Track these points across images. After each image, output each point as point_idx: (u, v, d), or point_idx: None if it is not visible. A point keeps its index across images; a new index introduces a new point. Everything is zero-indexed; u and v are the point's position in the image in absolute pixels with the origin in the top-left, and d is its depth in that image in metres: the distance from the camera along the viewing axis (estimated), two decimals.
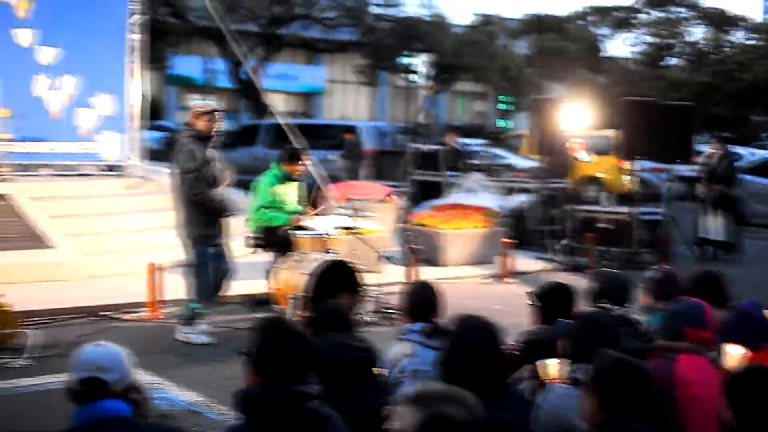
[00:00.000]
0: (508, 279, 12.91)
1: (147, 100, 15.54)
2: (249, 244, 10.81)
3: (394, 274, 11.54)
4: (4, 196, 12.32)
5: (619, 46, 54.14)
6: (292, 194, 10.74)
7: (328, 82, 49.67)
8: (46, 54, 14.19)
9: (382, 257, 10.70)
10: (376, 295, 10.51)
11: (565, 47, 35.37)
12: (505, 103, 42.53)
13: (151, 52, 32.62)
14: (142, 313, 10.25)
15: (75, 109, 14.53)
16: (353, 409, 4.15)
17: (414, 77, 37.81)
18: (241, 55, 15.84)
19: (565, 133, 15.49)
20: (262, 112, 29.48)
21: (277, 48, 31.86)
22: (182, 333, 9.31)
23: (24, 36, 14.03)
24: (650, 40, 37.42)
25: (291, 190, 10.74)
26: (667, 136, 14.29)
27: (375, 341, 4.79)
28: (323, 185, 13.89)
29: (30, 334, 8.46)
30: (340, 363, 4.70)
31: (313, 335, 5.35)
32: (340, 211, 11.23)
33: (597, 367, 3.89)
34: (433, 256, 13.64)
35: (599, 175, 20.53)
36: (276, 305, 10.09)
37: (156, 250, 12.78)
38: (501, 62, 33.61)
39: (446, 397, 2.99)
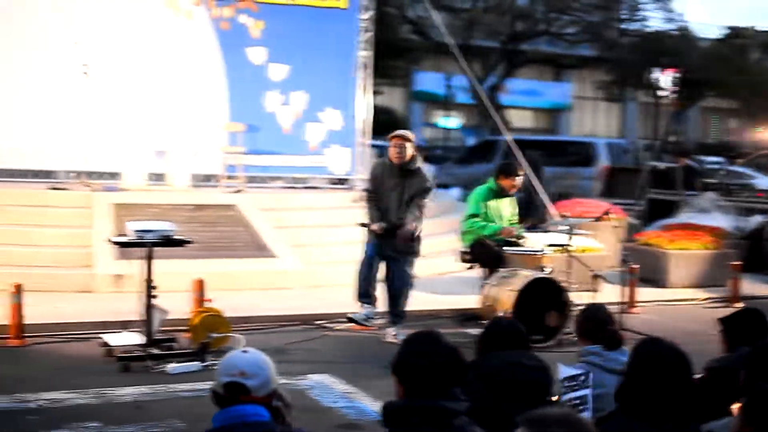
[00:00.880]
0: (737, 303, 12.21)
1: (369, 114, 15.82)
2: (462, 259, 10.79)
3: (612, 294, 11.16)
4: (234, 207, 12.85)
5: None
6: (505, 209, 10.62)
7: (576, 98, 49.04)
8: (277, 71, 14.76)
9: (597, 276, 10.36)
10: None
11: None
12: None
13: (394, 69, 33.45)
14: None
15: (304, 124, 15.01)
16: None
17: (660, 93, 36.66)
18: (467, 70, 15.78)
19: None
20: (499, 129, 29.39)
21: (519, 64, 31.73)
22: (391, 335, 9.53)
23: (256, 54, 14.67)
24: None
25: (505, 206, 10.63)
26: None
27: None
28: (546, 201, 13.71)
29: (238, 339, 8.74)
30: (508, 381, 4.58)
31: (485, 352, 5.33)
32: (558, 228, 10.98)
33: (752, 397, 3.58)
34: (657, 276, 13.13)
35: None
36: (484, 321, 10.02)
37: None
38: (751, 77, 32.03)
39: (560, 422, 2.84)
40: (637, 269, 11.87)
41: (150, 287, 8.35)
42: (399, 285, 9.81)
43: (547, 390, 4.80)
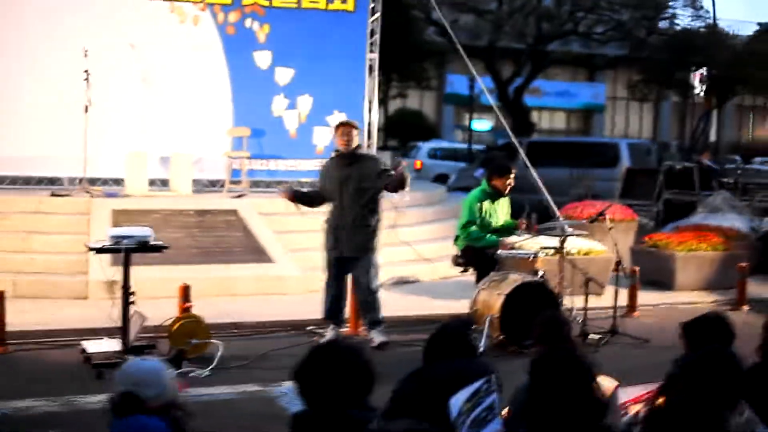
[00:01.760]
0: (744, 306, 12.00)
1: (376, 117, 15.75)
2: (455, 263, 10.71)
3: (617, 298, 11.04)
4: (234, 212, 12.83)
5: None
6: (500, 211, 10.52)
7: (609, 99, 48.70)
8: (283, 75, 14.73)
9: (590, 279, 10.21)
10: (580, 319, 10.08)
11: None
12: None
13: (421, 72, 33.38)
14: (346, 328, 10.31)
15: (312, 128, 14.97)
16: None
17: (692, 92, 36.33)
18: (472, 70, 15.64)
19: None
20: (525, 131, 29.27)
21: (545, 65, 31.50)
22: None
23: (262, 58, 14.65)
24: None
25: (499, 207, 10.52)
26: None
27: None
28: (550, 203, 13.56)
29: (221, 346, 8.71)
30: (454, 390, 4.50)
31: (431, 359, 5.25)
32: (558, 231, 10.82)
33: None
34: (665, 279, 12.94)
35: None
36: (475, 326, 9.92)
37: (381, 265, 12.92)
38: None
39: None
40: (637, 272, 11.71)
41: (127, 293, 8.35)
42: (366, 293, 9.76)
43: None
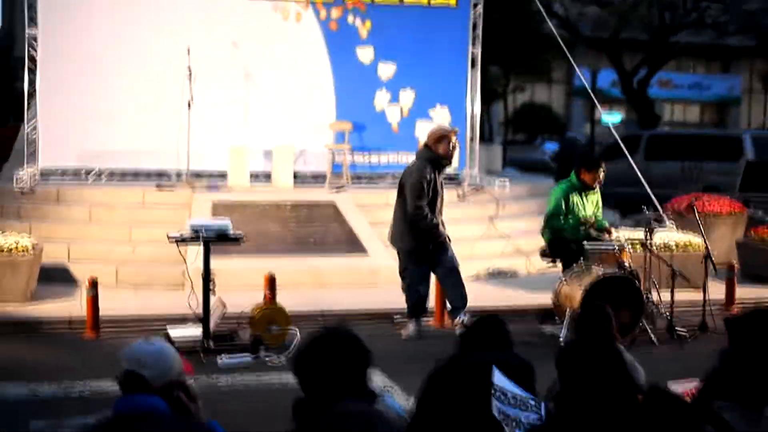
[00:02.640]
0: None
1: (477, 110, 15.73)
2: (542, 256, 10.66)
3: (714, 292, 10.87)
4: (332, 204, 13.04)
5: None
6: (590, 204, 10.41)
7: (746, 91, 47.28)
8: (386, 69, 14.90)
9: (676, 273, 10.02)
10: (667, 313, 9.94)
11: None
12: None
13: (543, 65, 33.01)
14: (430, 320, 10.38)
15: (414, 122, 15.09)
16: None
17: None
18: (572, 61, 15.45)
19: None
20: (650, 123, 28.68)
21: (670, 56, 30.77)
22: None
23: (365, 54, 14.85)
24: None
25: (588, 201, 10.41)
26: None
27: None
28: (652, 197, 13.38)
29: (299, 333, 8.90)
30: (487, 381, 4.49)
31: (466, 349, 5.28)
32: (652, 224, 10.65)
33: None
34: None
35: None
36: (558, 318, 9.88)
37: (478, 258, 12.97)
38: None
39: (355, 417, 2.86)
40: (735, 266, 11.44)
41: (208, 282, 8.63)
42: (449, 278, 9.92)
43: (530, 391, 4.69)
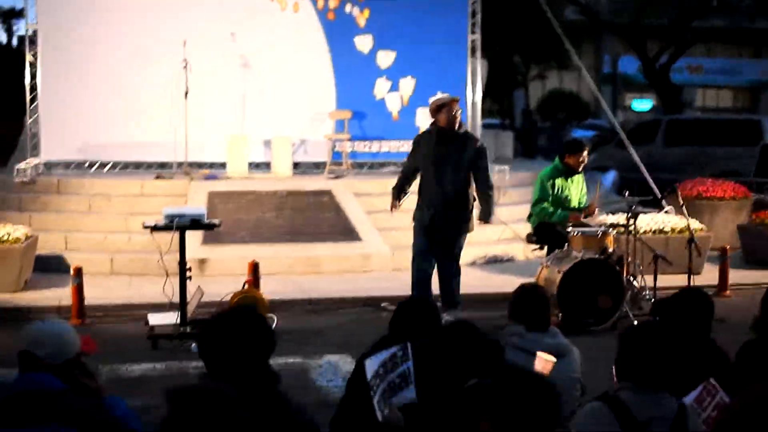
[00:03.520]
0: None
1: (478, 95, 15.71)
2: (528, 241, 10.68)
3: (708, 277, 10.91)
4: (328, 192, 13.14)
5: None
6: (575, 188, 10.40)
7: None
8: (385, 58, 14.96)
9: (658, 257, 10.01)
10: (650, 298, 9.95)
11: None
12: None
13: (565, 52, 32.81)
14: None
15: (415, 109, 15.13)
16: None
17: None
18: (573, 56, 15.37)
19: None
20: (674, 109, 28.44)
21: (692, 41, 30.41)
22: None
23: (364, 43, 14.92)
24: None
25: (573, 184, 10.40)
26: None
27: None
28: (650, 182, 13.35)
29: (275, 320, 9.02)
30: None
31: (396, 332, 5.34)
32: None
33: None
34: None
35: None
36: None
37: (476, 244, 12.96)
38: None
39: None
40: (728, 250, 11.40)
41: (184, 269, 8.76)
42: (451, 272, 9.79)
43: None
